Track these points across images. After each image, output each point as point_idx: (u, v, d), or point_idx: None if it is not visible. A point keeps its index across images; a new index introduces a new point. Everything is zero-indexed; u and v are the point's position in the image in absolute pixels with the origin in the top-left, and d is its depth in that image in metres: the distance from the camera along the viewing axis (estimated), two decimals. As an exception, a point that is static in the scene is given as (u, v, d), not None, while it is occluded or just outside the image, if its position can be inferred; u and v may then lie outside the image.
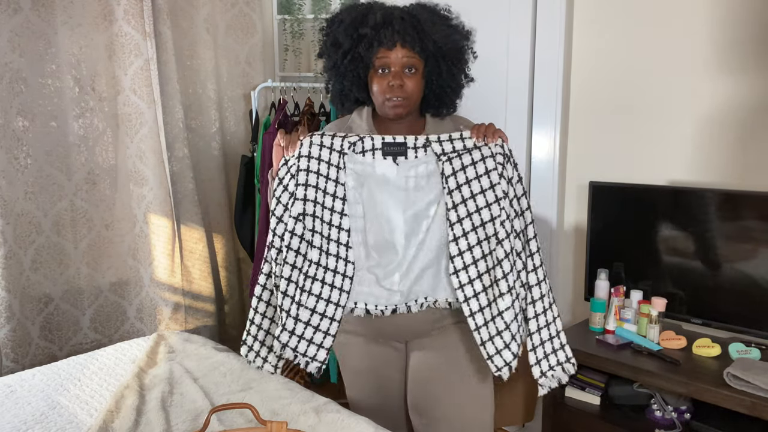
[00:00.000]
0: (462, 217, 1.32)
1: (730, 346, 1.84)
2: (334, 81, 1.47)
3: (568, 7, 2.26)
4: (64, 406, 1.56)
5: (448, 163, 1.33)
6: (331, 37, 1.42)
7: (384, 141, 1.34)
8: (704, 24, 1.99)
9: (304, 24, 2.87)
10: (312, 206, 1.32)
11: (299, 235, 1.32)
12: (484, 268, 1.32)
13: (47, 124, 2.24)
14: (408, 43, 1.34)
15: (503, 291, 1.29)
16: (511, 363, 1.29)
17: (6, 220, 2.12)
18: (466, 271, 1.32)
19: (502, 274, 1.29)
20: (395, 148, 1.34)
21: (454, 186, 1.32)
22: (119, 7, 2.32)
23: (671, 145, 2.11)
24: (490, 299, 1.31)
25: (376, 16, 1.35)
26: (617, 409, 1.97)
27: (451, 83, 1.44)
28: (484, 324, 1.31)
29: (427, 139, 1.34)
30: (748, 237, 1.83)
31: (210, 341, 2.04)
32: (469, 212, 1.32)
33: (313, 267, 1.32)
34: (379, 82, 1.37)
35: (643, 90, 2.15)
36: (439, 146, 1.34)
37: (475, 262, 1.32)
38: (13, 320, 2.15)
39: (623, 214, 2.12)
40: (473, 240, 1.32)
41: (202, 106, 2.68)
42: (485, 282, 1.32)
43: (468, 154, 1.33)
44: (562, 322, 1.75)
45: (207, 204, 2.72)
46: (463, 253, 1.32)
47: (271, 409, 1.49)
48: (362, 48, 1.36)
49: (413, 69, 1.37)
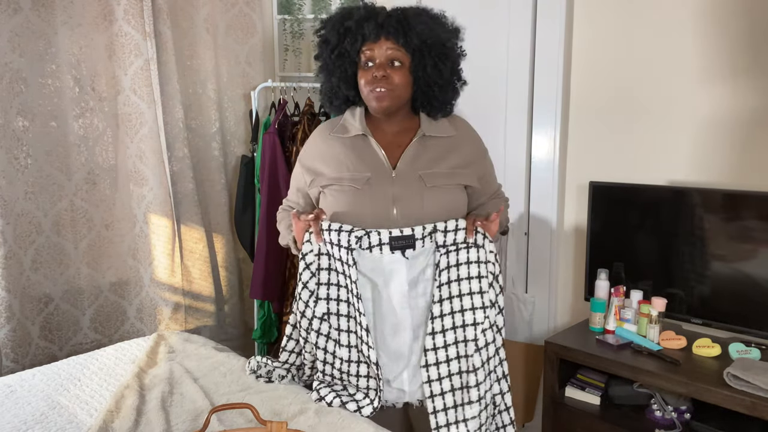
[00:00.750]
0: (444, 314, 1.30)
1: (730, 346, 1.83)
2: (324, 79, 1.48)
3: (568, 7, 2.26)
4: (64, 406, 1.56)
5: (445, 256, 1.31)
6: (322, 36, 1.44)
7: (391, 236, 1.30)
8: (704, 25, 1.99)
9: (304, 24, 2.87)
10: (336, 305, 1.32)
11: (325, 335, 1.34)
12: (456, 369, 1.30)
13: (47, 124, 2.24)
14: (392, 35, 1.35)
15: (473, 399, 1.27)
16: None
17: (6, 220, 2.12)
18: (437, 368, 1.30)
19: (475, 382, 1.28)
20: (403, 242, 1.30)
21: (444, 281, 1.31)
22: (119, 7, 2.32)
23: (671, 145, 2.11)
24: (457, 402, 1.30)
25: (361, 11, 1.37)
26: (617, 409, 1.97)
27: (438, 79, 1.42)
28: (446, 425, 1.30)
29: (435, 227, 1.31)
30: (748, 237, 1.83)
31: (210, 341, 2.04)
32: (453, 310, 1.30)
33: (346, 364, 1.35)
34: (365, 75, 1.39)
35: (643, 90, 2.15)
36: (443, 236, 1.31)
37: (448, 361, 1.30)
38: (13, 320, 2.15)
39: (623, 214, 2.12)
40: (450, 339, 1.30)
41: (202, 106, 2.68)
42: (455, 383, 1.30)
43: (465, 251, 1.31)
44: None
45: (207, 204, 2.72)
46: (437, 349, 1.31)
47: (271, 409, 1.49)
48: (348, 42, 1.37)
49: (398, 62, 1.37)
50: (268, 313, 2.65)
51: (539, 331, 2.44)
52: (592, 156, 2.30)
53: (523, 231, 2.44)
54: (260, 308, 2.66)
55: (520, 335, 2.41)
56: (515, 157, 2.39)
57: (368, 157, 1.43)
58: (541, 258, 2.42)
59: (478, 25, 2.34)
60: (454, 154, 1.45)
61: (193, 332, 2.32)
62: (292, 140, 2.55)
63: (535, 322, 2.44)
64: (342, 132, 1.48)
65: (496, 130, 2.40)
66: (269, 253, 2.51)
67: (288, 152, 2.54)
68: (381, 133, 1.47)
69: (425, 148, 1.44)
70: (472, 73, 1.53)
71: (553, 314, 2.43)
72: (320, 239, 1.33)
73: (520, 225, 2.43)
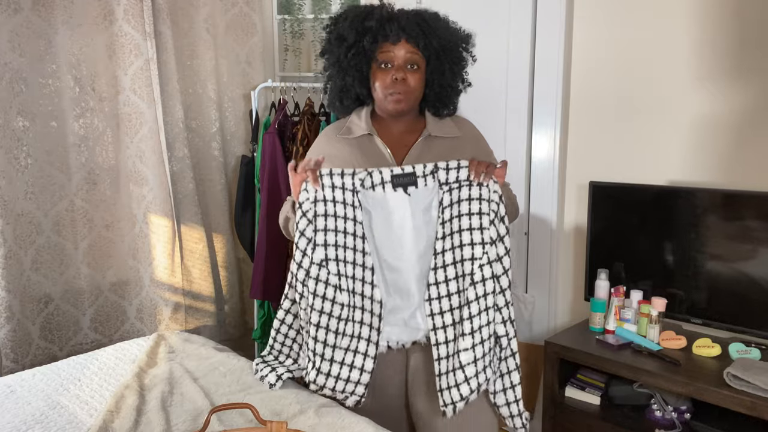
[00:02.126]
0: (446, 249, 1.32)
1: (730, 346, 1.83)
2: (335, 77, 1.48)
3: (568, 7, 2.26)
4: (64, 406, 1.56)
5: (447, 193, 1.33)
6: (335, 33, 1.43)
7: (393, 173, 1.33)
8: (704, 25, 1.99)
9: (304, 24, 2.87)
10: (334, 250, 1.32)
11: (324, 281, 1.33)
12: (456, 304, 1.33)
13: (47, 124, 2.24)
14: (412, 39, 1.36)
15: (465, 332, 1.29)
16: (457, 403, 1.30)
17: (6, 220, 2.12)
18: (439, 302, 1.33)
19: (468, 315, 1.29)
20: (405, 179, 1.33)
21: (447, 217, 1.32)
22: (119, 7, 2.32)
23: (671, 145, 2.10)
24: (456, 334, 1.32)
25: (382, 11, 1.38)
26: (617, 409, 1.97)
27: (452, 83, 1.46)
28: (446, 357, 1.32)
29: (436, 165, 1.33)
30: (748, 237, 1.83)
31: (210, 341, 2.04)
32: (453, 246, 1.32)
33: (346, 309, 1.33)
34: (382, 76, 1.39)
35: (644, 90, 2.15)
36: (446, 174, 1.32)
37: (449, 296, 1.33)
38: (13, 320, 2.15)
39: (623, 214, 2.12)
40: (451, 274, 1.32)
41: (202, 106, 2.68)
42: (455, 317, 1.32)
43: (467, 188, 1.32)
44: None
45: (207, 204, 2.72)
46: (439, 283, 1.33)
47: (271, 409, 1.49)
48: (367, 41, 1.37)
49: (415, 65, 1.39)
50: (268, 313, 2.65)
51: (539, 331, 2.44)
52: (592, 156, 2.30)
53: (523, 231, 2.44)
54: (260, 308, 2.66)
55: (520, 335, 2.41)
56: (515, 157, 2.39)
57: (373, 156, 1.44)
58: (541, 258, 2.42)
59: (478, 25, 2.33)
60: (459, 154, 1.46)
61: (193, 332, 2.32)
62: (292, 140, 2.55)
63: (535, 322, 2.44)
64: (347, 133, 1.49)
65: (496, 130, 2.40)
66: (269, 253, 2.51)
67: (288, 152, 2.54)
68: (387, 132, 1.48)
69: (430, 148, 1.45)
70: (472, 73, 1.54)
71: (553, 314, 2.43)
72: (317, 184, 1.32)
73: (520, 225, 2.43)
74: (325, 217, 1.32)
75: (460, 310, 1.31)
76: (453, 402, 1.30)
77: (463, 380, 1.30)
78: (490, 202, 1.31)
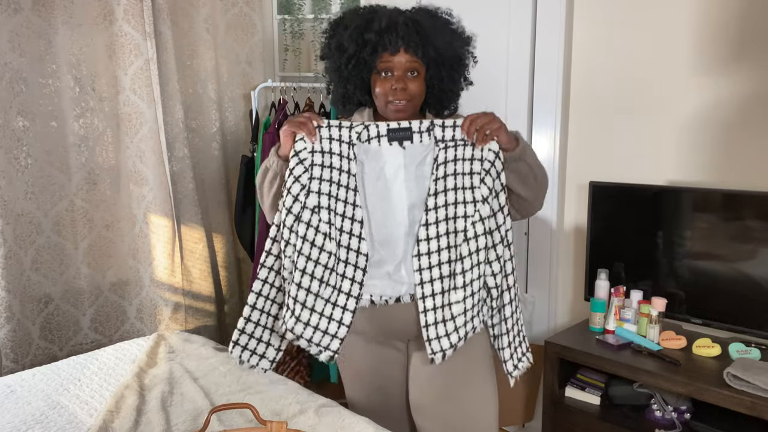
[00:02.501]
0: (438, 206, 1.34)
1: (730, 346, 1.84)
2: (336, 84, 1.49)
3: (568, 7, 2.26)
4: (64, 406, 1.56)
5: (443, 150, 1.35)
6: (335, 41, 1.44)
7: (389, 127, 1.35)
8: (704, 25, 1.99)
9: (304, 24, 2.87)
10: (327, 199, 1.33)
11: (314, 227, 1.33)
12: (446, 258, 1.35)
13: (47, 124, 2.24)
14: (411, 48, 1.37)
15: (458, 285, 1.32)
16: (446, 350, 1.33)
17: (6, 220, 2.12)
18: (428, 257, 1.35)
19: (461, 270, 1.32)
20: (400, 133, 1.35)
21: (441, 174, 1.34)
22: (119, 7, 2.32)
23: (671, 145, 2.10)
24: (444, 288, 1.35)
25: (381, 22, 1.37)
26: (617, 409, 1.97)
27: (452, 87, 1.48)
28: (433, 309, 1.35)
29: (432, 122, 1.35)
30: (748, 237, 1.84)
31: (210, 341, 2.04)
32: (447, 203, 1.34)
33: (332, 258, 1.33)
34: (382, 84, 1.40)
35: (644, 90, 2.15)
36: (441, 131, 1.35)
37: (439, 251, 1.35)
38: (13, 320, 2.15)
39: (623, 214, 2.12)
40: (442, 230, 1.35)
41: (202, 106, 2.68)
42: (444, 272, 1.35)
43: (463, 148, 1.34)
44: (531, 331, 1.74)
45: (207, 204, 2.72)
46: (430, 239, 1.35)
47: (271, 409, 1.49)
48: (366, 53, 1.38)
49: (415, 72, 1.40)
50: (268, 313, 2.64)
51: (539, 331, 2.44)
52: (592, 156, 2.30)
53: (523, 231, 2.44)
54: (260, 308, 2.66)
55: (520, 335, 2.41)
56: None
57: None
58: (541, 258, 2.42)
59: (478, 25, 2.34)
60: None
61: (193, 332, 2.32)
62: (292, 140, 2.55)
63: (535, 322, 2.44)
64: None
65: (496, 130, 2.40)
66: (269, 253, 2.51)
67: (288, 152, 2.53)
68: None
69: None
70: (472, 73, 1.54)
71: (553, 314, 2.43)
72: (313, 138, 1.33)
73: (520, 225, 2.43)
74: (321, 167, 1.34)
75: (451, 264, 1.34)
76: (442, 350, 1.33)
77: (453, 329, 1.33)
78: (483, 161, 1.33)
